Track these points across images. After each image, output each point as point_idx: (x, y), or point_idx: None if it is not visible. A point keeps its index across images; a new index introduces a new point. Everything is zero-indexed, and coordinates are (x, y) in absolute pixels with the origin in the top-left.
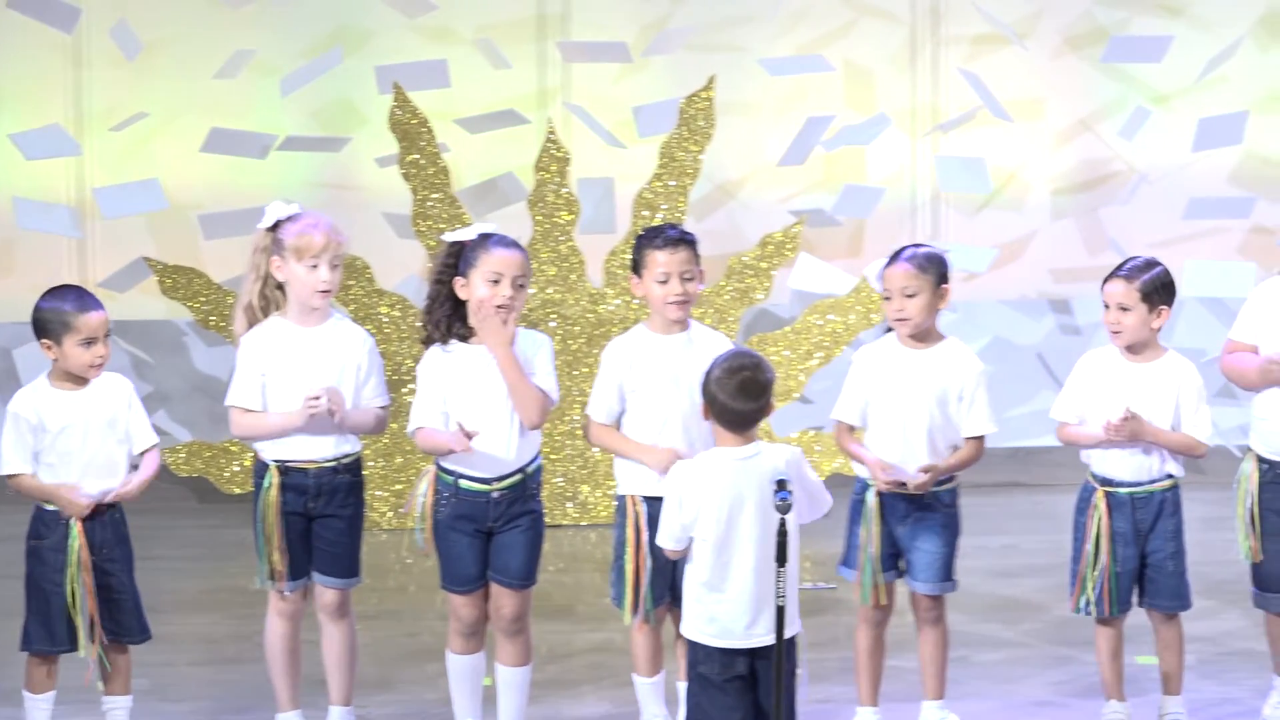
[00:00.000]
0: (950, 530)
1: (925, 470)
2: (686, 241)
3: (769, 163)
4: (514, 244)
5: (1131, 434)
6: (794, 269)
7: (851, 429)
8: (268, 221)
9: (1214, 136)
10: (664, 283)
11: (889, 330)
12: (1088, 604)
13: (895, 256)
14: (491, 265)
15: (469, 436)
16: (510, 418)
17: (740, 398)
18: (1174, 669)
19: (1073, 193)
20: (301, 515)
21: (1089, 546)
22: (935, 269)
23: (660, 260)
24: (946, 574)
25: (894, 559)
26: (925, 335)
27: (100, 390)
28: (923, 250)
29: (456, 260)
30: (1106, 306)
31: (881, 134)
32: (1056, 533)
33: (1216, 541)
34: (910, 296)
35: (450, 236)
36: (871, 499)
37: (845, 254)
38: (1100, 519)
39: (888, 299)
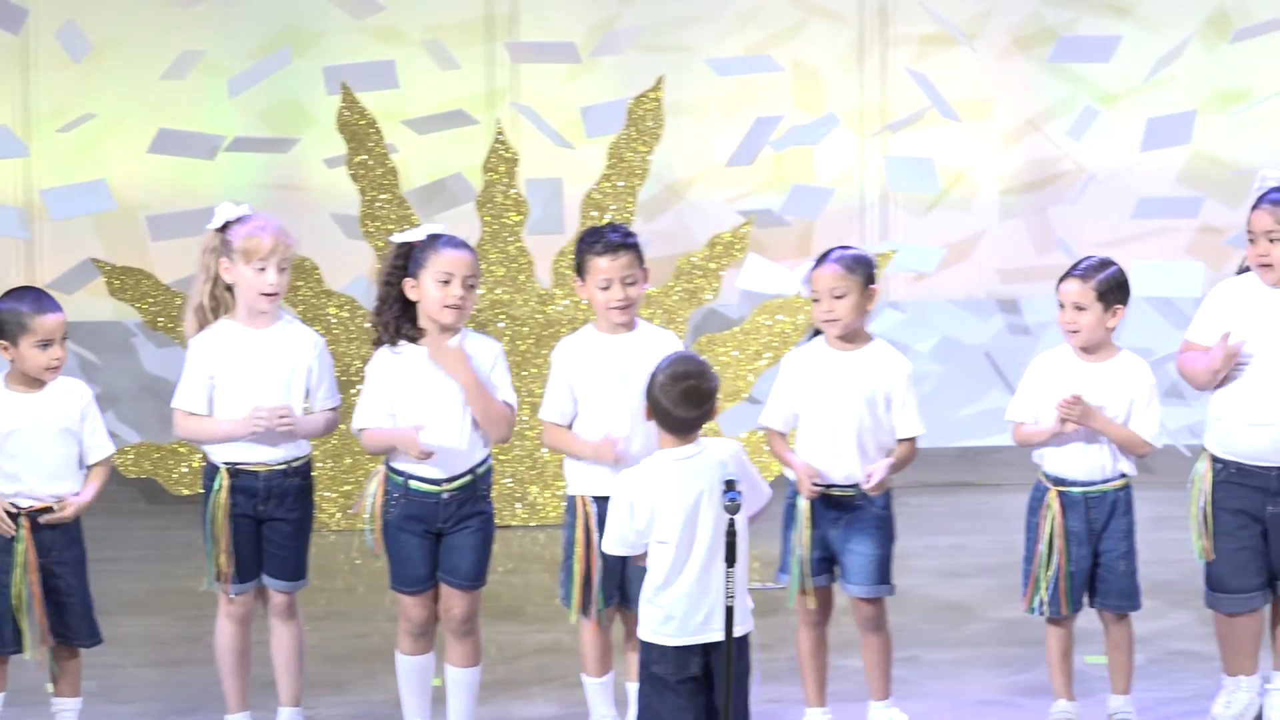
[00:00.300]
0: (884, 533)
1: (870, 474)
2: (628, 246)
3: (717, 163)
4: (463, 244)
5: (1081, 416)
6: (743, 269)
7: (782, 435)
8: (217, 222)
9: (1162, 136)
10: (606, 288)
11: (817, 334)
12: (1041, 604)
13: (823, 259)
14: (441, 266)
15: (427, 454)
16: (460, 419)
17: (684, 406)
18: (1123, 668)
19: (1021, 192)
20: (251, 518)
21: (1042, 546)
22: (863, 270)
23: (602, 266)
24: (882, 577)
25: (829, 562)
26: (854, 337)
27: (56, 395)
28: (850, 252)
29: (406, 261)
30: (1062, 306)
31: (830, 134)
32: (1005, 533)
33: (1163, 541)
34: (839, 298)
35: (400, 238)
36: (803, 503)
37: (794, 254)
38: (1054, 519)
39: (816, 301)
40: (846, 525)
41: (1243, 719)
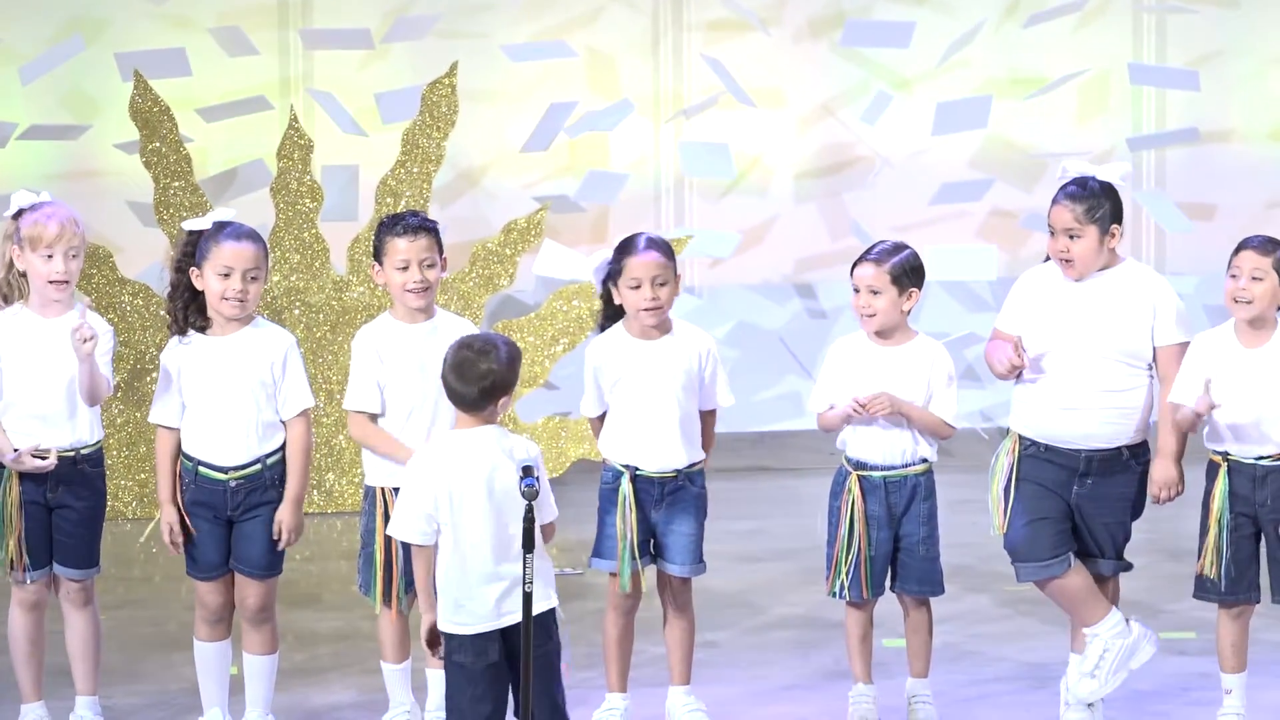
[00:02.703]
0: (702, 512)
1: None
2: (427, 229)
3: (512, 149)
4: (247, 235)
5: (889, 407)
6: (538, 255)
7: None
8: (12, 210)
9: (955, 120)
10: (404, 269)
11: (607, 324)
12: (843, 587)
13: (638, 245)
14: (222, 259)
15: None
16: (250, 408)
17: (453, 375)
18: (921, 652)
19: (816, 177)
20: (41, 505)
21: (843, 530)
22: (672, 256)
23: (400, 248)
24: (699, 555)
25: (645, 545)
26: (663, 324)
27: None
28: (660, 237)
29: (195, 249)
30: (856, 291)
31: (625, 120)
32: (804, 516)
33: (962, 525)
34: (663, 285)
35: (190, 225)
36: (625, 486)
37: (589, 240)
38: (854, 502)
39: (635, 289)
40: (669, 507)
41: (1115, 673)
